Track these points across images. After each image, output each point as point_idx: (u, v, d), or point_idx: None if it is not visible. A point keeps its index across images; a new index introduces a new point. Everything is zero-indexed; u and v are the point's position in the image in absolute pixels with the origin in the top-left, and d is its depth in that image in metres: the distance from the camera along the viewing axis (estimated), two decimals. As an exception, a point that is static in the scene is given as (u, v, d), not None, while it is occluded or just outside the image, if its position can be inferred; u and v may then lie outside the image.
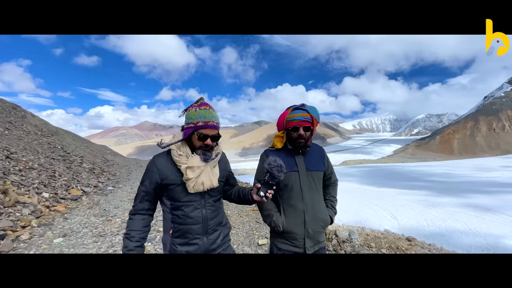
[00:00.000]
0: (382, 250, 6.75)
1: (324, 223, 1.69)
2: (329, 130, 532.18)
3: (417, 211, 14.40)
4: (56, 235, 4.11)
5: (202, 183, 1.38)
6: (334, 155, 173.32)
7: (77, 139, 19.99)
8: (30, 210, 4.90)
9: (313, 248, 1.63)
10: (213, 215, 1.48)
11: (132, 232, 1.38)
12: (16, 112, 12.78)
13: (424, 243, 8.04)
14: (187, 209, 1.41)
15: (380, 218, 13.03)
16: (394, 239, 7.87)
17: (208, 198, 1.47)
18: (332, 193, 1.85)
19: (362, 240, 7.34)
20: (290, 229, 1.61)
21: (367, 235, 7.88)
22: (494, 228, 11.56)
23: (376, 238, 7.69)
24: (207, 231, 1.45)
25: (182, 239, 1.41)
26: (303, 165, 1.65)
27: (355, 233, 7.56)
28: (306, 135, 1.61)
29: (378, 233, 8.47)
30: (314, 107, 1.69)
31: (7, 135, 8.45)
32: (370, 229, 9.21)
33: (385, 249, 6.77)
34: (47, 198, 5.79)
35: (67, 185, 7.11)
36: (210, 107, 1.41)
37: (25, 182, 5.83)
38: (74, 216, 5.20)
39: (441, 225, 12.17)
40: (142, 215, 1.44)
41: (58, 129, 18.84)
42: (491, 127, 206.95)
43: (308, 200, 1.63)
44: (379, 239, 7.70)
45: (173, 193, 1.41)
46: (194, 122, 1.37)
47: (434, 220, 12.91)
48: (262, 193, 1.39)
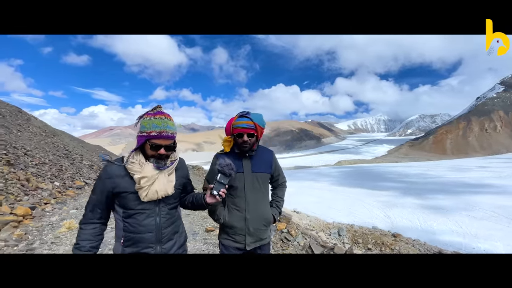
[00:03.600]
0: (369, 245, 7.50)
1: (266, 221, 1.78)
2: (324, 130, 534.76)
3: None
4: (71, 208, 5.73)
5: (156, 191, 1.36)
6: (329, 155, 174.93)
7: (73, 139, 21.31)
8: (47, 193, 6.48)
9: (254, 244, 1.73)
10: (167, 223, 1.46)
11: (82, 242, 1.35)
12: (21, 115, 14.23)
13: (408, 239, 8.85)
14: (140, 217, 1.38)
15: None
16: (380, 235, 8.54)
17: (163, 206, 1.44)
18: (279, 194, 1.97)
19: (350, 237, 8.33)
20: (231, 224, 1.70)
21: (355, 232, 8.87)
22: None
23: (363, 235, 8.51)
24: (161, 240, 1.43)
25: (134, 248, 1.39)
26: (249, 167, 1.75)
27: (344, 229, 8.68)
28: (251, 141, 1.70)
29: (366, 230, 9.48)
30: (259, 114, 1.77)
31: (20, 136, 9.96)
32: (359, 226, 10.23)
33: (371, 245, 7.54)
34: (58, 186, 7.37)
35: (72, 177, 8.69)
36: (166, 116, 1.38)
37: (41, 174, 7.39)
38: (81, 198, 6.82)
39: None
40: (93, 224, 1.40)
41: (56, 130, 20.22)
42: (483, 127, 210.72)
43: (250, 199, 1.72)
44: (366, 235, 8.43)
45: (125, 201, 1.38)
46: (147, 131, 1.34)
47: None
48: (215, 192, 1.41)
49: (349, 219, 13.61)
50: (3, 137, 8.41)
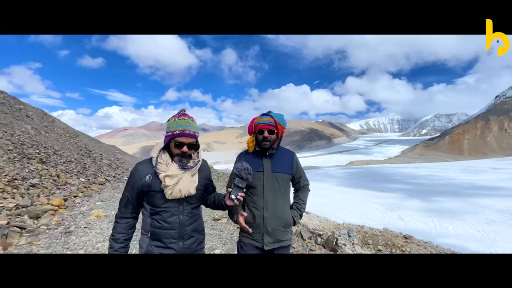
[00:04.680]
0: (379, 247, 7.41)
1: (285, 222, 1.76)
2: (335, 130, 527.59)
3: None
4: (96, 200, 6.53)
5: (179, 190, 1.45)
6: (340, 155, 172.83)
7: (91, 140, 22.59)
8: (75, 188, 7.31)
9: (272, 245, 1.71)
10: (190, 221, 1.55)
11: (117, 235, 1.49)
12: (46, 118, 15.43)
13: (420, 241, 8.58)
14: (165, 214, 1.49)
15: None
16: (391, 237, 8.42)
17: (186, 205, 1.53)
18: (301, 196, 1.93)
19: (360, 238, 8.12)
20: (249, 222, 1.71)
21: (365, 233, 8.75)
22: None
23: (373, 236, 8.40)
24: (183, 236, 1.52)
25: (159, 242, 1.50)
26: (269, 167, 1.77)
27: (354, 230, 8.43)
28: (271, 137, 1.74)
29: (377, 231, 9.36)
30: (280, 114, 1.81)
31: (48, 137, 10.98)
32: (369, 227, 10.04)
33: (381, 246, 7.46)
34: (84, 182, 8.22)
35: (95, 174, 9.58)
36: (189, 117, 1.49)
37: (68, 171, 8.28)
38: (104, 192, 7.64)
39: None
40: (126, 219, 1.53)
41: (76, 131, 21.54)
42: (503, 127, 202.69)
43: (269, 198, 1.72)
44: (377, 236, 8.34)
45: (152, 199, 1.49)
46: (172, 130, 1.45)
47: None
48: (233, 196, 1.47)
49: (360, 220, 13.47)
50: (35, 138, 9.39)
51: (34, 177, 6.36)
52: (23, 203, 5.01)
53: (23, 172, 6.21)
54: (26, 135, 8.99)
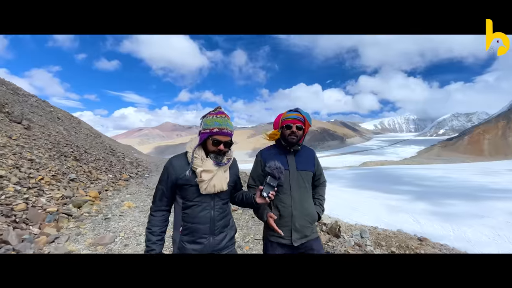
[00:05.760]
0: (392, 248, 7.23)
1: (311, 218, 1.80)
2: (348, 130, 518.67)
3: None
4: (125, 194, 7.31)
5: (214, 185, 1.50)
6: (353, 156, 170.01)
7: (110, 140, 23.89)
8: (105, 183, 8.13)
9: (300, 241, 1.74)
10: (220, 216, 1.59)
11: (154, 228, 1.55)
12: (73, 119, 16.63)
13: (436, 244, 8.37)
14: (197, 209, 1.53)
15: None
16: (405, 239, 8.19)
17: (218, 201, 1.58)
18: (320, 192, 1.98)
19: (373, 239, 7.91)
20: (278, 221, 1.73)
21: (378, 234, 8.53)
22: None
23: (387, 237, 8.17)
24: (214, 231, 1.55)
25: (190, 237, 1.53)
26: (294, 165, 1.80)
27: (366, 232, 8.31)
28: (298, 133, 1.77)
29: (390, 233, 9.04)
30: (307, 112, 1.83)
31: (77, 137, 12.00)
32: (382, 229, 9.79)
33: (395, 248, 7.28)
34: (111, 178, 9.06)
35: (120, 171, 10.45)
36: (226, 115, 1.53)
37: (98, 167, 9.15)
38: (130, 187, 8.45)
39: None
40: (161, 212, 1.59)
41: (98, 131, 22.86)
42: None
43: (296, 196, 1.75)
44: (390, 238, 8.13)
45: (186, 192, 1.53)
46: (210, 128, 1.49)
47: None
48: (265, 194, 1.51)
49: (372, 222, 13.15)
50: (68, 138, 10.37)
51: (71, 172, 7.19)
52: (66, 194, 5.80)
53: (62, 168, 7.05)
54: (60, 135, 9.96)
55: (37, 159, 6.55)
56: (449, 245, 8.70)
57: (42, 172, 6.08)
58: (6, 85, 12.99)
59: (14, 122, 8.43)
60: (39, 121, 10.18)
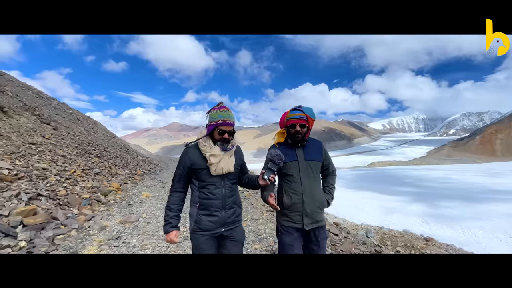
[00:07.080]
0: (397, 248, 7.16)
1: (321, 204, 1.98)
2: (356, 130, 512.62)
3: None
4: (142, 186, 8.32)
5: (221, 167, 1.76)
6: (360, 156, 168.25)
7: (122, 140, 25.17)
8: (124, 177, 9.18)
9: (311, 225, 1.92)
10: (230, 194, 1.85)
11: (172, 205, 1.84)
12: (90, 120, 17.89)
13: (442, 244, 8.23)
14: (211, 187, 1.79)
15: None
16: (411, 239, 8.21)
17: (227, 181, 1.84)
18: (330, 181, 2.15)
19: (379, 238, 7.93)
20: (290, 207, 1.92)
21: (384, 234, 8.55)
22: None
23: (392, 237, 8.20)
24: (225, 206, 1.82)
25: (206, 211, 1.79)
26: (302, 156, 1.97)
27: (372, 231, 8.43)
28: (302, 131, 1.93)
29: (396, 233, 8.98)
30: (310, 108, 1.99)
31: (96, 137, 13.16)
32: (388, 229, 9.73)
33: (400, 248, 7.22)
34: (128, 173, 10.12)
35: (135, 168, 11.52)
36: (227, 109, 1.79)
37: (116, 164, 10.22)
38: (146, 181, 9.49)
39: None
40: (179, 192, 1.86)
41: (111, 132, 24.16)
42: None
43: (306, 184, 1.93)
44: (396, 238, 8.16)
45: (200, 175, 1.80)
46: (215, 120, 1.75)
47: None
48: (266, 177, 1.76)
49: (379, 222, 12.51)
50: (89, 137, 11.50)
51: (95, 167, 8.25)
52: (95, 184, 6.84)
53: (88, 163, 8.11)
54: (82, 135, 11.09)
55: (67, 155, 7.62)
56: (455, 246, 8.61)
57: (73, 166, 7.14)
58: (31, 90, 14.27)
59: (44, 123, 9.57)
60: (63, 122, 11.34)
